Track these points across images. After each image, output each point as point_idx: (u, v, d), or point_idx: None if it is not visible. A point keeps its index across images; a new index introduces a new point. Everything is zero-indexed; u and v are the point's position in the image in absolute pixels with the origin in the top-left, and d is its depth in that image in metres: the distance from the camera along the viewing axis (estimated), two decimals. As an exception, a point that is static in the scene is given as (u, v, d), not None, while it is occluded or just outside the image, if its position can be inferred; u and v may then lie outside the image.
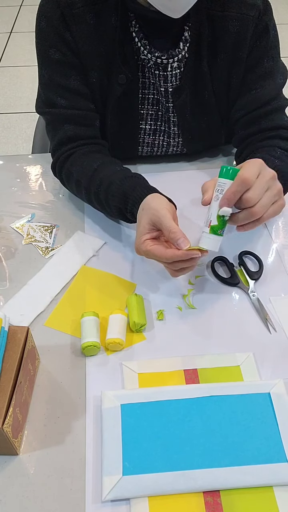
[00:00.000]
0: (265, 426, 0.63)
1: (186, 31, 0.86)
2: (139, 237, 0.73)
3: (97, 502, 0.58)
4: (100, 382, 0.69)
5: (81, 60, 0.88)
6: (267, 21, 0.87)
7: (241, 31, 0.86)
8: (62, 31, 0.85)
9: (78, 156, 0.91)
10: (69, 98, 0.90)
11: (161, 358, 0.72)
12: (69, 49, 0.86)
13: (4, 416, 0.56)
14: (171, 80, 0.90)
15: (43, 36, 0.87)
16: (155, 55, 0.87)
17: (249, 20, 0.85)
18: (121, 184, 0.81)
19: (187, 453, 0.61)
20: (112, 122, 0.96)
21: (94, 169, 0.87)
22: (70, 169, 0.91)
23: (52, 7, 0.84)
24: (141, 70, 0.91)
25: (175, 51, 0.87)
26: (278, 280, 0.83)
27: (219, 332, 0.76)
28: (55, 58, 0.87)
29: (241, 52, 0.88)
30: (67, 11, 0.83)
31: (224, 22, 0.86)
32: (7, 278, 0.83)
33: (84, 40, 0.86)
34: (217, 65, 0.90)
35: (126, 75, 0.89)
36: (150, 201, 0.75)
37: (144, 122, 0.98)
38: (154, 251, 0.71)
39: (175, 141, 1.01)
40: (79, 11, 0.84)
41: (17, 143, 2.46)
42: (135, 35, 0.86)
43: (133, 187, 0.80)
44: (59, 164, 0.94)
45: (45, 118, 0.95)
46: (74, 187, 0.92)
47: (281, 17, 3.28)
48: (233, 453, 0.60)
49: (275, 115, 0.92)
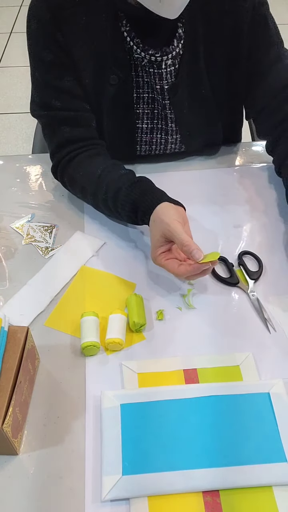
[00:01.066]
0: (265, 426, 0.63)
1: (180, 28, 0.86)
2: (154, 250, 0.77)
3: (97, 502, 0.58)
4: (100, 382, 0.69)
5: (73, 61, 0.87)
6: (264, 12, 0.88)
7: (236, 23, 0.86)
8: (53, 32, 0.84)
9: (80, 160, 0.91)
10: (64, 99, 0.90)
11: (161, 358, 0.72)
12: (61, 50, 0.86)
13: (4, 416, 0.56)
14: (166, 77, 0.90)
15: (35, 38, 0.86)
16: (148, 53, 0.86)
17: (244, 11, 0.86)
18: (129, 191, 0.82)
19: (186, 453, 0.61)
20: (108, 122, 0.96)
21: (98, 174, 0.88)
22: (73, 175, 0.91)
23: (42, 9, 0.84)
24: (135, 69, 0.90)
25: (169, 48, 0.87)
26: (278, 280, 0.83)
27: (219, 332, 0.76)
28: (48, 60, 0.87)
29: (238, 44, 0.89)
30: (57, 12, 0.83)
31: (219, 16, 0.86)
32: (7, 278, 0.84)
33: (75, 41, 0.85)
34: (214, 59, 0.90)
35: (117, 75, 0.89)
36: (161, 214, 0.77)
37: (141, 121, 0.98)
38: (167, 267, 0.75)
39: (173, 138, 1.01)
40: (69, 12, 0.83)
41: (17, 143, 2.46)
42: (127, 35, 0.86)
43: (142, 194, 0.81)
44: (61, 168, 0.94)
45: (41, 121, 0.95)
46: (79, 193, 0.93)
47: (281, 17, 3.28)
48: (233, 453, 0.61)
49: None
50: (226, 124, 1.03)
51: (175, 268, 0.74)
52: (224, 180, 1.02)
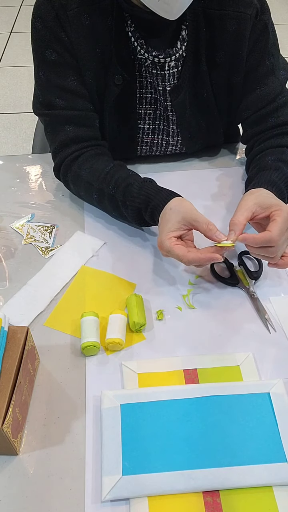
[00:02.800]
0: (265, 426, 0.63)
1: (183, 30, 0.86)
2: (166, 233, 0.76)
3: (97, 502, 0.58)
4: (100, 382, 0.69)
5: (78, 61, 0.88)
6: (265, 20, 0.88)
7: (239, 29, 0.86)
8: (58, 31, 0.85)
9: (85, 158, 0.91)
10: (68, 98, 0.90)
11: (161, 358, 0.72)
12: (65, 50, 0.86)
13: (4, 416, 0.56)
14: (169, 79, 0.90)
15: (39, 37, 0.87)
16: (152, 54, 0.86)
17: (247, 18, 0.86)
18: (142, 186, 0.84)
19: (186, 453, 0.61)
20: (111, 122, 0.96)
21: (106, 171, 0.88)
22: (78, 171, 0.91)
23: (46, 8, 0.84)
24: (138, 69, 0.91)
25: (172, 50, 0.87)
26: (278, 280, 0.83)
27: (219, 332, 0.76)
28: (52, 59, 0.87)
29: (240, 50, 0.88)
30: (61, 13, 0.83)
31: (221, 21, 0.86)
32: (7, 278, 0.84)
33: (79, 41, 0.86)
34: (216, 64, 0.90)
35: (122, 75, 0.89)
36: (180, 204, 0.78)
37: (143, 122, 0.98)
38: (176, 250, 0.74)
39: (174, 140, 1.01)
40: (73, 12, 0.83)
41: (17, 143, 2.46)
42: (131, 35, 0.86)
43: (157, 191, 0.83)
44: (64, 167, 0.93)
45: (44, 119, 0.95)
46: (83, 189, 0.93)
47: (281, 17, 3.28)
48: (233, 453, 0.61)
49: (281, 111, 0.94)
50: (227, 126, 1.03)
51: (185, 253, 0.74)
52: (224, 180, 1.03)
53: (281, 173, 0.85)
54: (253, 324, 0.77)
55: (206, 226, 0.74)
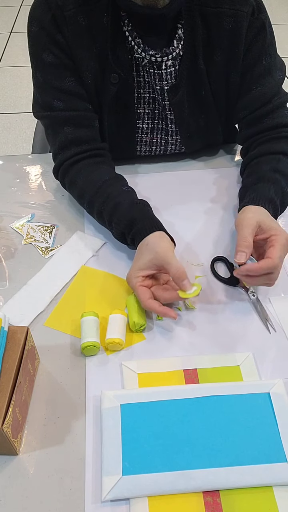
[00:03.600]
0: (265, 426, 0.63)
1: (180, 29, 0.86)
2: (135, 270, 0.76)
3: (97, 502, 0.58)
4: (100, 382, 0.69)
5: (75, 61, 0.88)
6: (263, 19, 0.88)
7: (235, 27, 0.86)
8: (54, 33, 0.85)
9: (83, 166, 0.91)
10: (66, 100, 0.90)
11: (161, 358, 0.72)
12: (62, 51, 0.86)
13: (3, 416, 0.56)
14: (167, 78, 0.90)
15: (36, 39, 0.87)
16: (149, 54, 0.86)
17: (243, 16, 0.85)
18: (129, 209, 0.83)
19: (186, 453, 0.61)
20: (109, 122, 0.96)
21: (99, 185, 0.88)
22: (75, 178, 0.91)
23: (43, 10, 0.84)
24: (136, 69, 0.90)
25: (169, 49, 0.87)
26: (278, 280, 0.83)
27: (219, 332, 0.76)
28: (49, 61, 0.87)
29: (237, 48, 0.88)
30: (58, 13, 0.83)
31: (218, 19, 0.86)
32: (7, 278, 0.84)
33: (76, 42, 0.86)
34: (213, 62, 0.90)
35: (118, 74, 0.89)
36: (157, 241, 0.77)
37: (141, 121, 0.98)
38: (139, 291, 0.75)
39: (173, 139, 1.01)
40: (70, 13, 0.83)
41: (17, 143, 2.46)
42: (128, 34, 0.86)
43: (142, 216, 0.81)
44: (63, 170, 0.93)
45: (44, 122, 0.95)
46: (76, 197, 0.93)
47: (281, 17, 3.28)
48: (233, 453, 0.61)
49: (276, 112, 0.94)
50: (226, 125, 1.03)
51: (145, 299, 0.74)
52: (224, 180, 1.03)
53: (277, 187, 0.85)
54: (253, 324, 0.77)
55: (177, 271, 0.73)
